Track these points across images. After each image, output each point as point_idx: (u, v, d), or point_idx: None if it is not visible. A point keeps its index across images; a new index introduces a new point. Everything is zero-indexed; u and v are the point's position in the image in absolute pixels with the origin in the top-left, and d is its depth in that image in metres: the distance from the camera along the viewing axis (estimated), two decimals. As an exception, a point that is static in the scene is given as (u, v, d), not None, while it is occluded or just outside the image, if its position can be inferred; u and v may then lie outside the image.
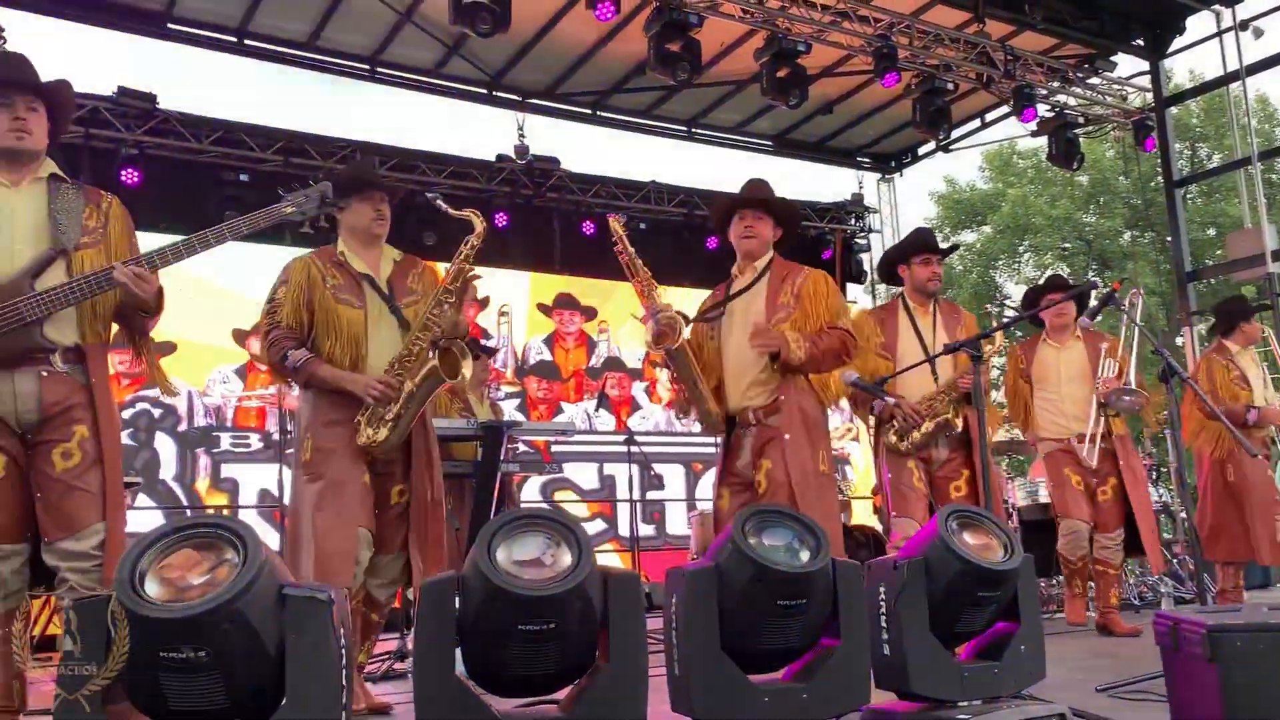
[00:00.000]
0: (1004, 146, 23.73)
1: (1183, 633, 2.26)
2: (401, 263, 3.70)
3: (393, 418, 3.38)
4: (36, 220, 2.87)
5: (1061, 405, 5.30)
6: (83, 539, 2.76)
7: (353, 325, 3.46)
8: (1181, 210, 10.06)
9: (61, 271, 2.85)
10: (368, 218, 3.60)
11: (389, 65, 8.96)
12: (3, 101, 2.87)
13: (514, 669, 2.29)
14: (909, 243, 4.84)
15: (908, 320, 4.64)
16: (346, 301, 3.48)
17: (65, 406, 2.83)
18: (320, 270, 3.53)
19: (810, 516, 2.73)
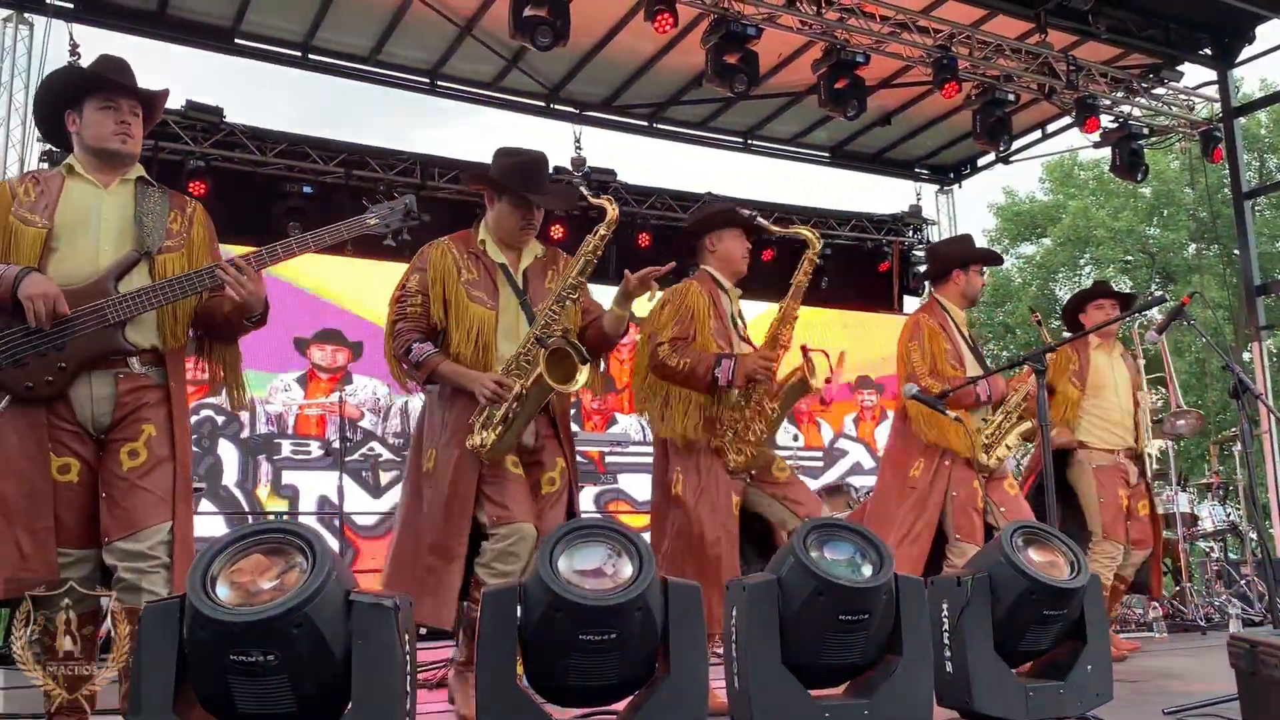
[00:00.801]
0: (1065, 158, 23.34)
1: (1260, 655, 2.20)
2: (542, 258, 3.54)
3: (500, 420, 3.18)
4: (122, 222, 2.87)
5: (1114, 416, 5.13)
6: (141, 539, 2.69)
7: (484, 325, 3.31)
8: (1251, 223, 9.82)
9: (144, 274, 2.85)
10: (515, 224, 3.43)
11: (449, 79, 9.07)
12: (109, 105, 2.89)
13: (574, 679, 2.30)
14: (976, 251, 4.70)
15: (955, 328, 4.52)
16: (479, 300, 3.33)
17: (136, 406, 2.79)
18: (456, 260, 3.37)
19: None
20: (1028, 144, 10.84)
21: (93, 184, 2.89)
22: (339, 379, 8.74)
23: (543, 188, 3.46)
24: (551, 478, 3.39)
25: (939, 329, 4.45)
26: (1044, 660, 2.94)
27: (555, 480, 3.40)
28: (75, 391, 2.74)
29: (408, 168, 8.96)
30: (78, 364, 2.72)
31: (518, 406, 3.17)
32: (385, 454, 8.85)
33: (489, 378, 3.20)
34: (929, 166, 11.64)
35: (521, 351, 3.24)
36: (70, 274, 2.75)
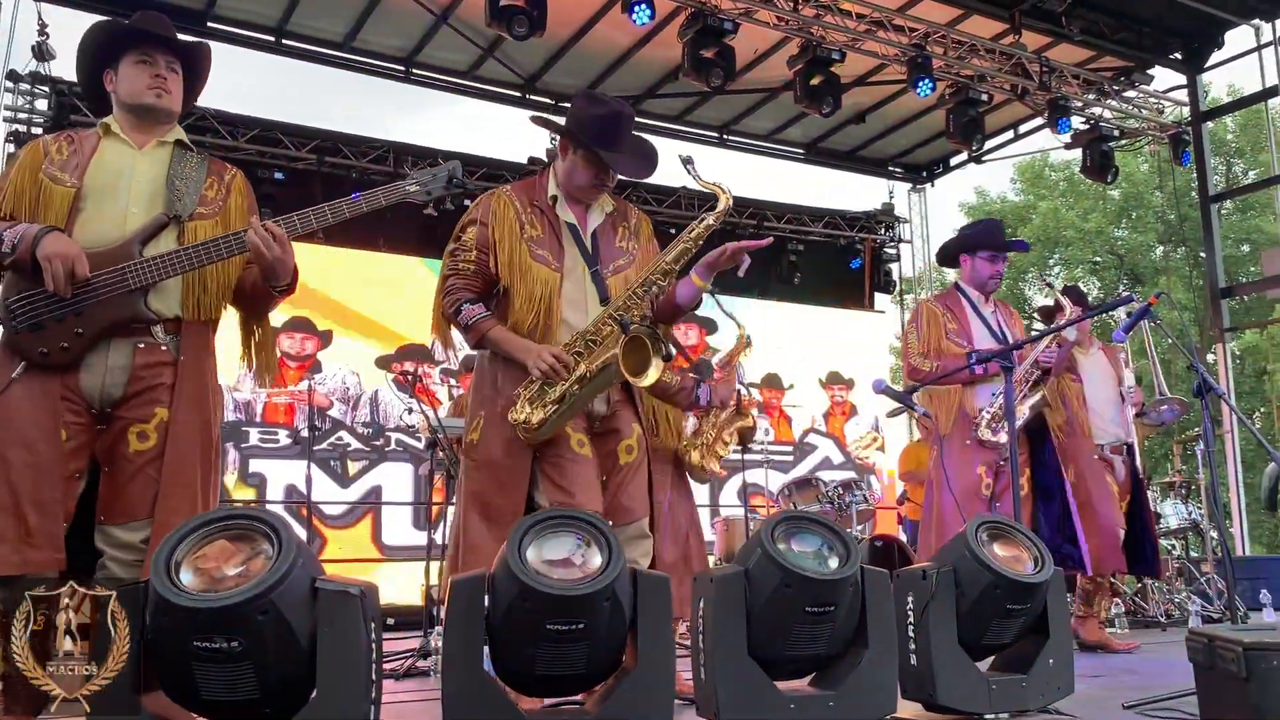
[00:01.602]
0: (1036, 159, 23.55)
1: (1217, 650, 2.23)
2: (612, 214, 3.18)
3: (555, 400, 2.86)
4: (155, 185, 2.71)
5: (1095, 407, 5.12)
6: (134, 529, 2.54)
7: (546, 287, 2.97)
8: (1217, 226, 9.96)
9: (172, 240, 2.68)
10: (587, 180, 3.06)
11: (424, 67, 9.02)
12: (145, 59, 2.74)
13: (542, 668, 2.30)
14: (980, 236, 4.62)
15: (973, 310, 4.47)
16: (543, 260, 3.00)
17: (151, 384, 2.61)
18: (519, 212, 3.04)
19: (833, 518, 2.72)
20: (1000, 144, 10.94)
21: (128, 144, 2.75)
22: (308, 367, 8.68)
23: (621, 146, 3.07)
24: (629, 445, 3.03)
25: (943, 312, 4.45)
26: (1007, 654, 2.97)
27: (633, 449, 3.04)
28: (89, 361, 2.58)
29: (381, 155, 8.90)
30: (96, 330, 2.57)
31: (577, 389, 2.85)
32: (354, 443, 8.81)
33: (548, 350, 2.88)
34: (902, 165, 11.71)
35: (591, 329, 2.92)
36: (96, 236, 2.60)
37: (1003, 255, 4.51)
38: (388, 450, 8.91)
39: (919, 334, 4.43)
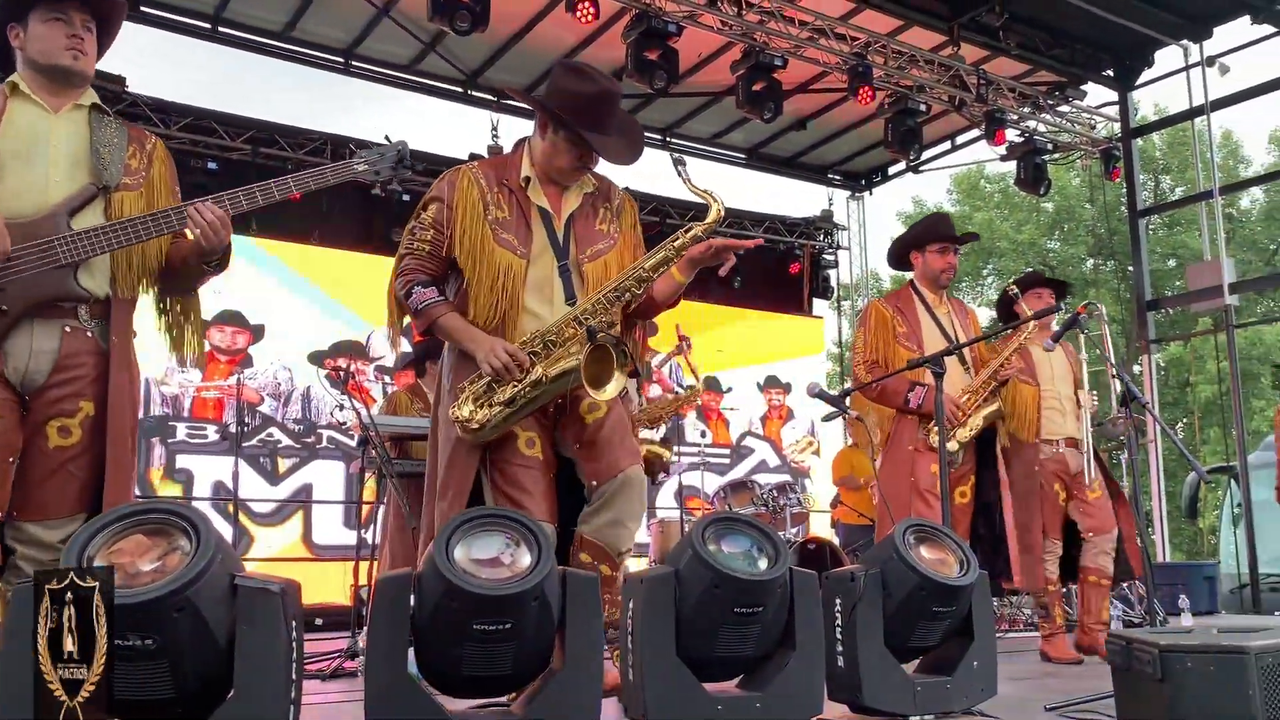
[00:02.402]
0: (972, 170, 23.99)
1: (1135, 652, 2.28)
2: (592, 194, 3.01)
3: (504, 401, 2.73)
4: (76, 151, 2.52)
5: (1049, 403, 4.98)
6: (53, 528, 2.39)
7: (510, 274, 2.82)
8: (1144, 240, 10.22)
9: (98, 213, 2.50)
10: (568, 163, 2.92)
11: (364, 59, 8.91)
12: (58, 15, 2.52)
13: (468, 669, 2.27)
14: (927, 229, 4.56)
15: (925, 310, 4.40)
16: (508, 244, 2.85)
17: (76, 375, 2.45)
18: (485, 192, 2.89)
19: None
20: (938, 154, 11.12)
21: (41, 107, 2.54)
22: (238, 361, 8.51)
23: (609, 129, 2.90)
24: (591, 403, 2.86)
25: (894, 314, 4.37)
26: (932, 656, 3.00)
27: (598, 405, 2.85)
28: (12, 343, 2.39)
29: (318, 147, 8.76)
30: (21, 308, 2.37)
31: (530, 392, 2.74)
32: (284, 440, 8.66)
33: (502, 346, 2.74)
34: (842, 172, 11.85)
35: (552, 329, 2.79)
36: (14, 206, 2.41)
37: (954, 247, 4.43)
38: (319, 448, 8.77)
39: (866, 339, 4.36)
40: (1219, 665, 2.08)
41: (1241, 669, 2.05)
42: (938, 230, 4.48)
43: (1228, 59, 9.24)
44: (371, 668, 2.22)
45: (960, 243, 4.53)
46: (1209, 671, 2.08)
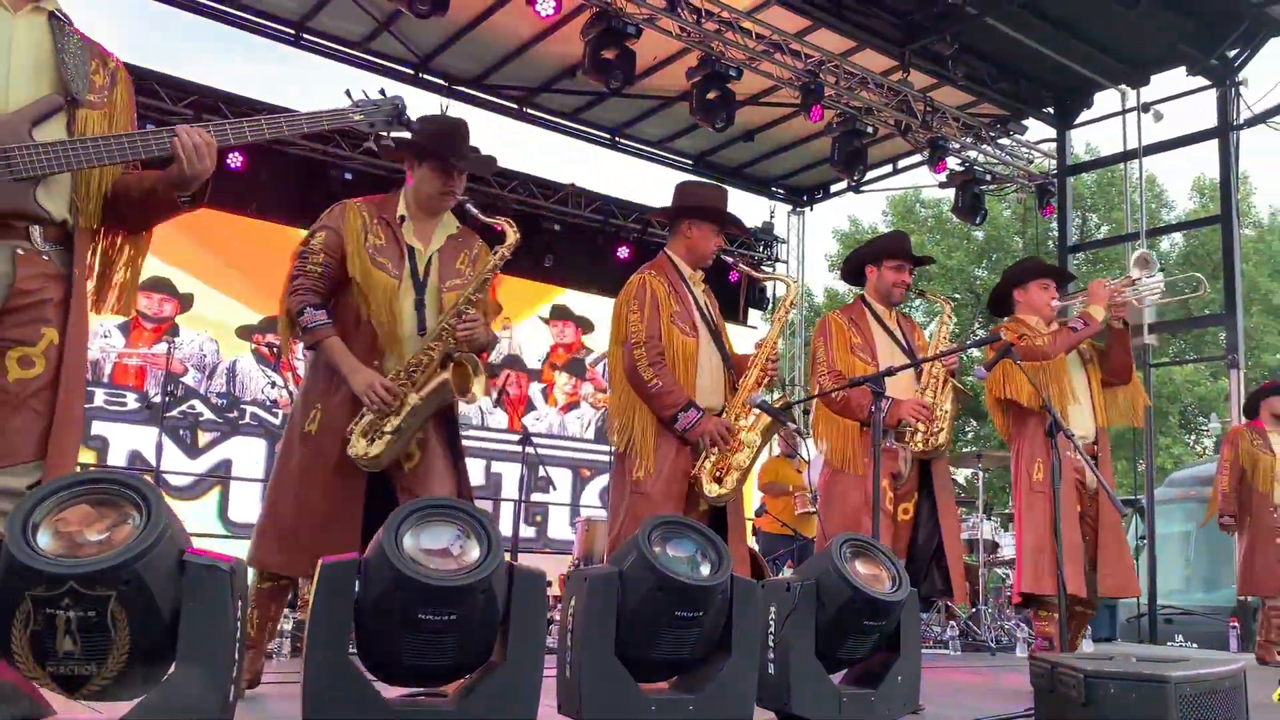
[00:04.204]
0: (909, 194, 24.46)
1: (1060, 676, 2.36)
2: (457, 237, 3.42)
3: (392, 431, 3.11)
4: (38, 57, 2.30)
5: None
6: (19, 474, 2.18)
7: (388, 292, 3.20)
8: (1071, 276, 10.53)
9: (60, 128, 2.28)
10: (436, 189, 3.34)
11: (316, 33, 8.76)
12: None
13: (409, 658, 2.26)
14: (886, 245, 4.66)
15: (877, 323, 4.47)
16: (383, 266, 3.22)
17: (36, 300, 2.25)
18: (366, 223, 3.26)
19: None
20: (880, 176, 11.32)
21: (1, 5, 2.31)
22: (164, 330, 8.30)
23: (464, 152, 3.37)
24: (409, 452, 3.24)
25: (848, 325, 4.42)
26: (859, 668, 3.07)
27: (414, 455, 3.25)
28: None
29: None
30: None
31: (411, 419, 3.11)
32: (207, 413, 8.48)
33: (379, 383, 3.10)
34: (785, 186, 12.00)
35: (412, 362, 3.17)
36: None
37: (908, 265, 4.52)
38: (241, 423, 8.61)
39: (827, 349, 4.39)
40: (1140, 693, 2.17)
41: (1162, 697, 2.14)
42: (898, 247, 4.57)
43: (1161, 107, 9.59)
44: (312, 652, 2.19)
45: (918, 264, 4.63)
46: (1131, 699, 2.17)
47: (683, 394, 3.69)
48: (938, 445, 4.36)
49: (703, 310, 3.92)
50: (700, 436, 3.69)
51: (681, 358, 3.70)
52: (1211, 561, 11.51)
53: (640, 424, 3.71)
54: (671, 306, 3.79)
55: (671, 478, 3.68)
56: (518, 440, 7.16)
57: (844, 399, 4.26)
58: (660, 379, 3.66)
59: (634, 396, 3.72)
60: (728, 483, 3.71)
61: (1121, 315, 4.71)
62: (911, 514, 4.43)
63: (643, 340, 3.69)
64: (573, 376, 10.56)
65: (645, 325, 3.71)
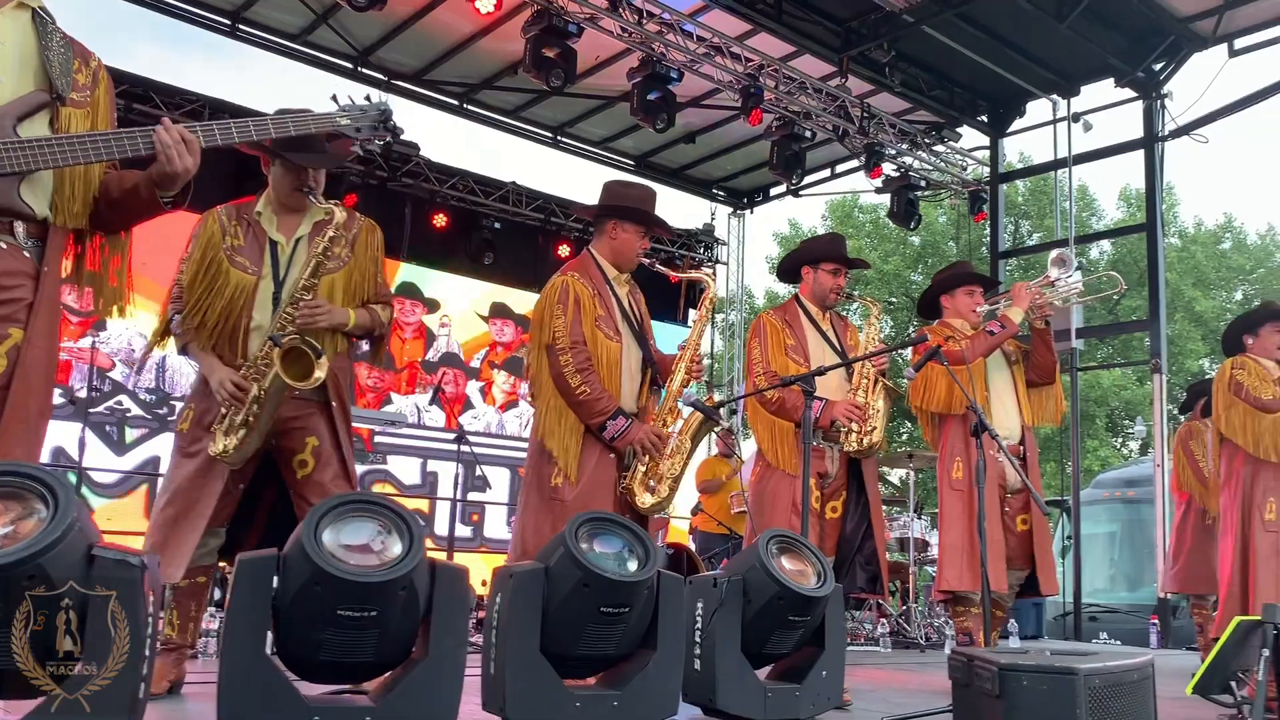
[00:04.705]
0: (847, 198, 24.74)
1: (975, 669, 2.41)
2: (324, 223, 3.31)
3: (242, 424, 3.12)
4: (24, 53, 2.28)
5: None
6: None
7: (240, 291, 3.21)
8: (1003, 281, 10.73)
9: (44, 125, 2.26)
10: (289, 186, 3.31)
11: (252, 24, 8.62)
12: None
13: (328, 655, 2.23)
14: (822, 248, 4.63)
15: (811, 324, 4.47)
16: (241, 265, 3.24)
17: (11, 297, 2.24)
18: (225, 226, 3.29)
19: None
20: (818, 180, 11.45)
21: None
22: (92, 324, 8.09)
23: (314, 147, 3.29)
24: (302, 459, 3.27)
25: (782, 326, 4.42)
26: (784, 663, 3.10)
27: (307, 462, 3.27)
28: None
29: (196, 110, 8.43)
30: None
31: (257, 409, 3.12)
32: (134, 409, 8.29)
33: (229, 377, 3.13)
34: (725, 189, 12.07)
35: (259, 354, 3.16)
36: None
37: (845, 269, 4.53)
38: (170, 420, 8.42)
39: (763, 349, 4.38)
40: (1051, 684, 2.22)
41: (1071, 689, 2.20)
42: (835, 251, 4.59)
43: (1091, 117, 9.82)
44: (228, 649, 2.16)
45: (853, 267, 4.66)
46: (1042, 690, 2.22)
47: (611, 401, 3.63)
48: (872, 444, 4.41)
49: (626, 312, 3.87)
50: (629, 445, 3.66)
51: (605, 362, 3.65)
52: (1135, 561, 11.83)
53: (564, 430, 3.64)
54: (596, 310, 3.73)
55: (593, 486, 3.62)
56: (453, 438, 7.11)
57: (779, 400, 4.28)
58: (588, 386, 3.60)
59: (559, 401, 3.64)
60: (660, 491, 3.68)
61: (1044, 315, 4.82)
62: (840, 512, 4.47)
63: (569, 345, 3.63)
64: (512, 375, 10.52)
65: (570, 329, 3.66)
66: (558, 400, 3.64)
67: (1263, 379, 4.64)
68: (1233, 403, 4.64)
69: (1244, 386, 4.61)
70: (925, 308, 5.22)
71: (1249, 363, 4.71)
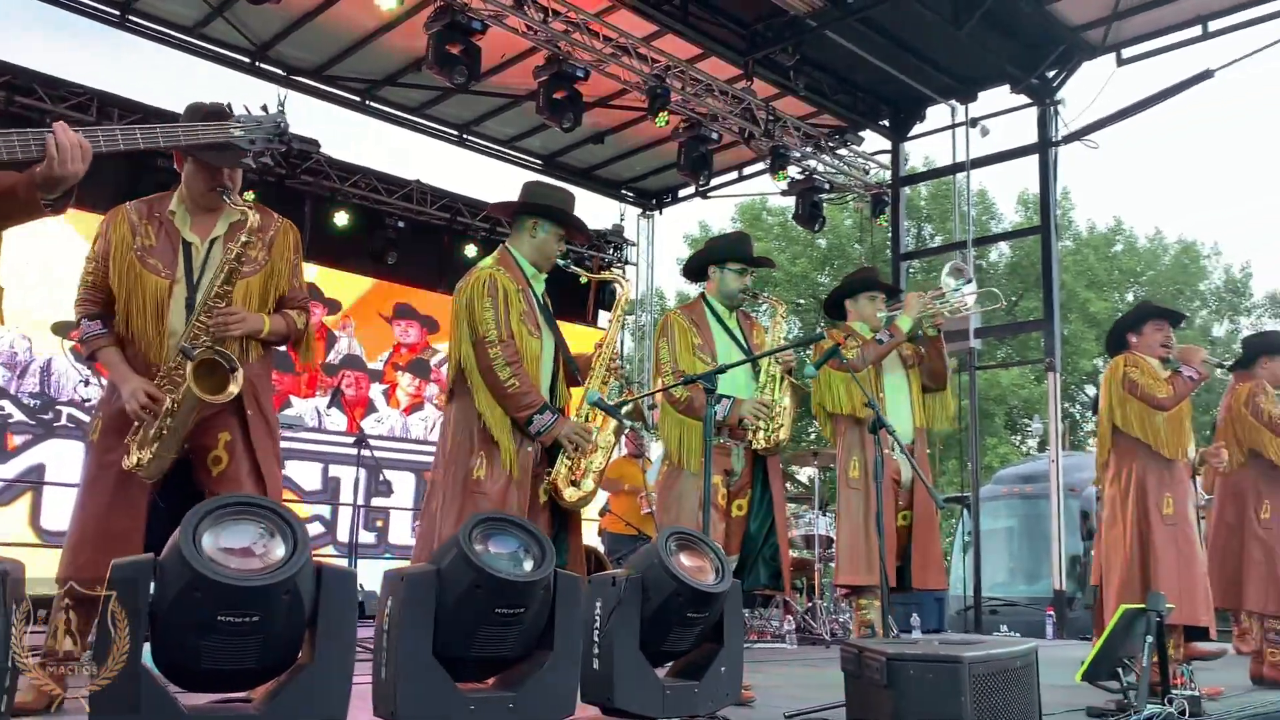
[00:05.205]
0: (756, 201, 25.04)
1: (865, 660, 2.44)
2: (240, 223, 3.18)
3: (155, 436, 2.99)
4: None
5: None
6: None
7: (156, 295, 3.09)
8: (905, 282, 10.96)
9: None
10: (201, 186, 3.17)
11: (143, 15, 8.33)
12: None
13: (208, 662, 2.16)
14: (728, 247, 4.66)
15: (718, 323, 4.49)
16: (153, 268, 3.11)
17: None
18: (134, 225, 3.15)
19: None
20: (726, 182, 11.54)
21: None
22: (-31, 326, 7.72)
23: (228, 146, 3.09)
24: (216, 456, 3.13)
25: (689, 325, 4.43)
26: (683, 661, 3.10)
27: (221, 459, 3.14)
28: None
29: (84, 104, 8.11)
30: None
31: (170, 422, 3.00)
32: (18, 415, 7.94)
33: (142, 388, 3.01)
34: (635, 190, 12.10)
35: (172, 366, 3.05)
36: None
37: (750, 269, 4.56)
38: (56, 425, 8.09)
39: (671, 349, 4.39)
40: (937, 673, 2.26)
41: (956, 676, 2.24)
42: (740, 250, 4.62)
43: (989, 122, 10.09)
44: (102, 659, 2.07)
45: (758, 266, 4.69)
46: (928, 678, 2.26)
47: (539, 396, 3.61)
48: (779, 442, 4.45)
49: (546, 310, 3.86)
50: (556, 439, 3.64)
51: (529, 358, 3.63)
52: (1033, 555, 12.19)
53: (489, 422, 3.59)
54: (520, 305, 3.71)
55: (521, 481, 3.58)
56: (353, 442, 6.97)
57: (688, 400, 4.29)
58: (518, 379, 3.56)
59: (485, 394, 3.60)
60: (584, 485, 3.67)
61: (936, 324, 4.97)
62: (745, 510, 4.49)
63: (497, 338, 3.58)
64: (416, 377, 10.36)
65: (499, 322, 3.62)
66: (482, 393, 3.59)
67: (1155, 377, 4.81)
68: (1126, 399, 4.78)
69: (1139, 385, 4.76)
70: (830, 309, 5.33)
71: (1141, 361, 4.87)
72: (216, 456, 3.13)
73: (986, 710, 2.32)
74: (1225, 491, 5.45)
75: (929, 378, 5.04)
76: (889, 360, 4.97)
